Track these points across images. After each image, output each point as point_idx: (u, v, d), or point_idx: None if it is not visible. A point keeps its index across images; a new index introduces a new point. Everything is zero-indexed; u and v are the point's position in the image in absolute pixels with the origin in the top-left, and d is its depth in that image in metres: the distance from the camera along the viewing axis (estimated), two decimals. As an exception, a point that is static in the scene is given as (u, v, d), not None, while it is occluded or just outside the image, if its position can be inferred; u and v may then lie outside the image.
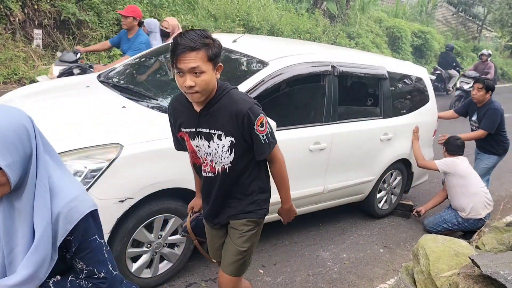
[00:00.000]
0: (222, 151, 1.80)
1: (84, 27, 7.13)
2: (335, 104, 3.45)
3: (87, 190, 2.25)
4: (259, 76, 2.97)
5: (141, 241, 2.57)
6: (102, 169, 2.28)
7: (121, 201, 2.33)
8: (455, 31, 18.65)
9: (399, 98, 4.30)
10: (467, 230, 4.09)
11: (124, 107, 2.78)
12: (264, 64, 3.09)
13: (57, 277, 1.28)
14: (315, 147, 3.28)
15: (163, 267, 2.74)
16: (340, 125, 3.49)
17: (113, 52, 7.31)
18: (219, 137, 1.78)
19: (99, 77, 3.44)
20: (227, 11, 9.51)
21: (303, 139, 3.23)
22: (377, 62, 4.07)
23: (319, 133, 3.32)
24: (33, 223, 1.18)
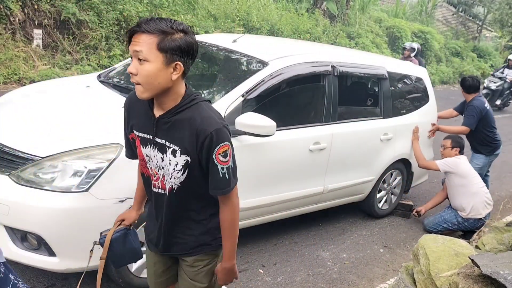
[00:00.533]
0: (173, 169, 1.52)
1: (84, 27, 7.13)
2: (335, 104, 3.45)
3: (87, 190, 2.25)
4: (259, 76, 2.97)
5: (141, 241, 2.56)
6: (102, 169, 2.28)
7: (121, 201, 2.33)
8: (455, 31, 18.65)
9: (399, 98, 4.30)
10: (467, 230, 4.10)
11: (123, 107, 2.77)
12: (264, 64, 3.09)
13: None
14: (315, 147, 3.28)
15: (163, 267, 2.74)
16: (340, 125, 3.49)
17: (113, 52, 7.31)
18: (174, 153, 1.50)
19: (99, 77, 3.44)
20: (227, 11, 9.51)
21: (303, 139, 3.23)
22: (377, 62, 4.08)
23: (319, 133, 3.32)
24: None
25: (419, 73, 4.50)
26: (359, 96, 4.19)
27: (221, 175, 1.50)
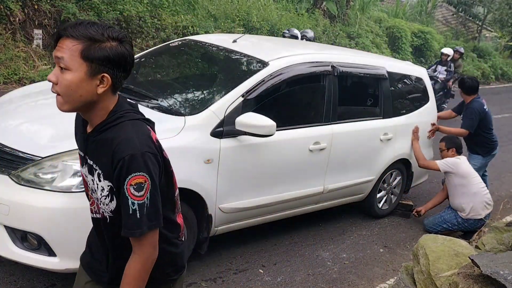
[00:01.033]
0: (101, 194, 1.32)
1: (84, 27, 7.13)
2: (335, 104, 3.45)
3: (87, 190, 2.25)
4: (259, 76, 2.97)
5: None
6: (102, 169, 2.28)
7: (121, 201, 2.33)
8: (455, 31, 18.66)
9: (399, 98, 4.31)
10: (467, 230, 4.10)
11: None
12: (264, 64, 3.09)
13: None
14: (315, 147, 3.28)
15: (163, 267, 2.74)
16: (340, 125, 3.49)
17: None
18: (99, 177, 1.30)
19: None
20: (227, 11, 9.51)
21: (303, 139, 3.23)
22: (377, 62, 4.08)
23: (319, 133, 3.33)
24: None
25: (419, 73, 4.51)
26: (359, 96, 4.19)
27: (131, 212, 1.24)
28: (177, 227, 1.49)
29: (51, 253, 2.28)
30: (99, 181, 1.30)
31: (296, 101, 3.51)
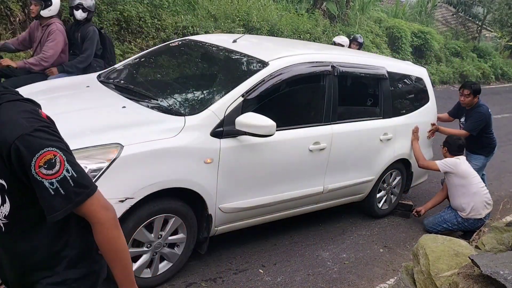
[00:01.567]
0: None
1: (84, 27, 7.13)
2: (335, 104, 3.45)
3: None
4: (259, 76, 2.98)
5: (141, 241, 2.57)
6: (102, 169, 2.28)
7: (121, 201, 2.34)
8: (454, 31, 18.65)
9: (399, 98, 4.31)
10: (467, 230, 4.10)
11: (124, 107, 2.78)
12: (264, 64, 3.09)
13: None
14: (315, 147, 3.29)
15: (163, 267, 2.75)
16: (340, 125, 3.50)
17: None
18: None
19: (99, 77, 3.45)
20: (227, 11, 9.51)
21: (303, 139, 3.23)
22: (377, 62, 4.08)
23: (319, 133, 3.33)
24: None
25: (419, 73, 4.51)
26: (359, 96, 4.19)
27: (53, 192, 1.08)
28: None
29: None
30: None
31: (296, 101, 3.51)
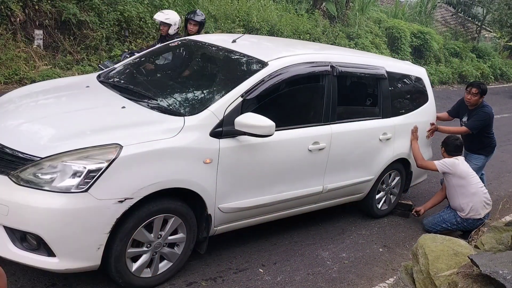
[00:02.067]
0: None
1: (84, 28, 7.14)
2: (334, 104, 3.46)
3: (86, 190, 2.26)
4: (259, 76, 2.98)
5: (141, 241, 2.57)
6: (101, 169, 2.29)
7: (121, 201, 2.34)
8: (454, 31, 18.65)
9: (398, 98, 4.31)
10: (466, 229, 4.10)
11: (124, 107, 2.78)
12: (263, 64, 3.10)
13: None
14: (314, 147, 3.29)
15: (163, 266, 2.75)
16: (339, 125, 3.50)
17: (114, 52, 7.32)
18: None
19: (99, 77, 3.45)
20: (227, 11, 9.52)
21: (302, 139, 3.23)
22: (376, 62, 4.08)
23: (318, 133, 3.33)
24: None
25: (418, 73, 4.51)
26: (358, 96, 4.19)
27: None
28: None
29: (50, 253, 2.28)
30: None
31: (295, 101, 3.51)
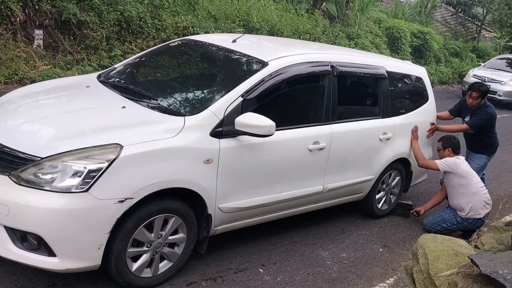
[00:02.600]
0: None
1: (85, 28, 7.14)
2: (334, 103, 3.46)
3: (87, 190, 2.26)
4: (259, 76, 2.98)
5: (141, 241, 2.58)
6: (102, 169, 2.29)
7: (121, 201, 2.34)
8: (454, 31, 18.66)
9: (398, 97, 4.31)
10: (466, 229, 4.10)
11: (124, 107, 2.79)
12: (263, 64, 3.10)
13: None
14: (315, 146, 3.29)
15: (163, 266, 2.75)
16: (339, 125, 3.50)
17: (114, 52, 7.32)
18: None
19: (99, 77, 3.45)
20: (227, 11, 9.52)
21: (303, 139, 3.24)
22: (376, 61, 4.08)
23: (318, 133, 3.33)
24: None
25: (419, 73, 4.52)
26: (358, 95, 4.19)
27: None
28: None
29: (50, 253, 2.29)
30: None
31: (295, 101, 3.51)
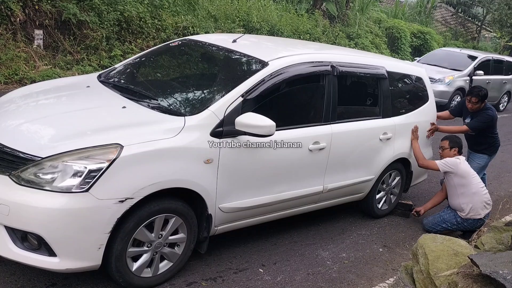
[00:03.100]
0: None
1: (84, 28, 7.15)
2: (334, 103, 3.46)
3: (87, 190, 2.26)
4: (259, 76, 2.98)
5: (141, 241, 2.58)
6: (102, 169, 2.29)
7: (121, 201, 2.34)
8: (454, 31, 18.67)
9: (399, 97, 4.31)
10: (466, 229, 4.10)
11: (124, 107, 2.79)
12: (263, 64, 3.10)
13: None
14: (315, 146, 3.29)
15: (164, 266, 2.75)
16: (339, 125, 3.50)
17: (114, 52, 7.33)
18: None
19: (99, 77, 3.45)
20: (227, 11, 9.53)
21: (303, 139, 3.24)
22: (376, 61, 4.08)
23: (318, 133, 3.33)
24: None
25: (419, 73, 4.51)
26: (358, 95, 4.19)
27: None
28: None
29: (51, 253, 2.29)
30: None
31: (295, 101, 3.51)
